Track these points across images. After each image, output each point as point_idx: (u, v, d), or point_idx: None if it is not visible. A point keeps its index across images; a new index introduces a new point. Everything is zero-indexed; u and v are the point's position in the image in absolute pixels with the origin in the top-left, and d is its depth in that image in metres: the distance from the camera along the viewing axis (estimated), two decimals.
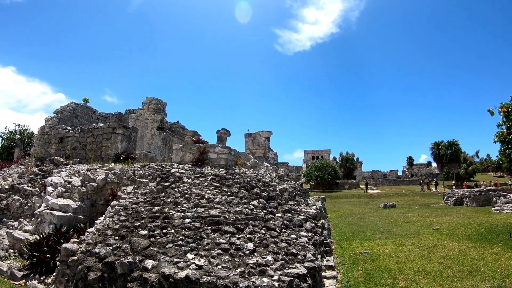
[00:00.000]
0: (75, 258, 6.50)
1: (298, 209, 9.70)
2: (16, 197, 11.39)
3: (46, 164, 13.59)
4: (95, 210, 9.45)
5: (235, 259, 5.93)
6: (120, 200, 8.52)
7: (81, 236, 7.39)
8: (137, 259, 5.92)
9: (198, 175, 9.63)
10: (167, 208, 7.68)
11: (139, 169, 9.96)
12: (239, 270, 5.59)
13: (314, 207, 10.89)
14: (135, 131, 12.94)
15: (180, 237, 6.45)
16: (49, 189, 9.67)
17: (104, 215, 8.21)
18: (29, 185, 11.61)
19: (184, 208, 7.65)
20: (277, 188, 10.46)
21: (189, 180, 9.29)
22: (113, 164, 10.98)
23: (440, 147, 42.23)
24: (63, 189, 9.51)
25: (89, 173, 9.88)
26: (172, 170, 9.84)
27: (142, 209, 7.69)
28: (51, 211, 8.73)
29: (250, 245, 6.34)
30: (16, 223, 10.91)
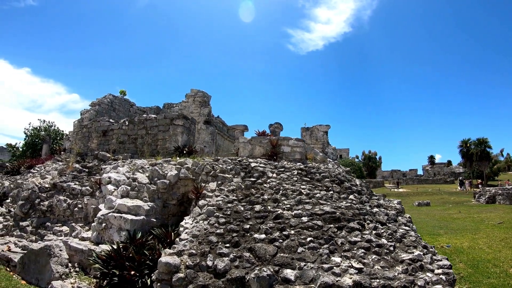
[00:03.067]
0: (181, 275, 5.18)
1: (384, 204, 9.26)
2: (61, 198, 9.69)
3: (89, 160, 11.89)
4: (167, 212, 7.80)
5: (385, 257, 5.38)
6: (207, 199, 7.39)
7: (174, 245, 5.69)
8: (271, 269, 5.02)
9: (281, 169, 8.72)
10: (269, 206, 6.83)
11: (217, 163, 8.27)
12: (400, 268, 5.07)
13: (395, 201, 10.48)
14: (193, 122, 11.31)
15: (309, 239, 5.67)
16: (109, 187, 7.98)
17: (191, 217, 6.99)
18: (77, 183, 9.88)
19: (288, 206, 6.86)
20: (357, 183, 9.86)
21: (274, 175, 8.39)
22: (178, 158, 9.29)
23: (468, 144, 40.53)
24: (128, 188, 7.86)
25: (157, 168, 8.14)
26: (252, 164, 8.89)
27: (242, 209, 6.77)
28: (120, 215, 7.09)
29: (385, 241, 5.82)
30: (63, 228, 9.24)
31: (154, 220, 7.63)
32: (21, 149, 24.79)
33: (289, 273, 4.87)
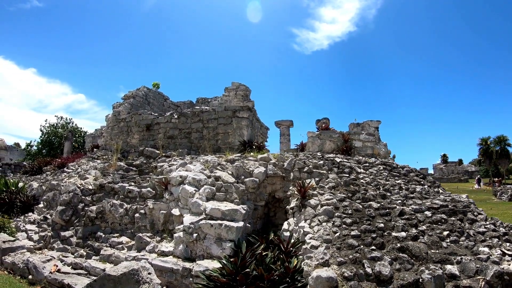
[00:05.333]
0: None
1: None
2: (115, 202, 8.72)
3: (132, 157, 10.86)
4: (255, 215, 6.82)
5: None
6: (315, 198, 7.17)
7: (310, 255, 5.12)
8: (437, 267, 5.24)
9: (366, 164, 8.93)
10: (382, 202, 6.98)
11: (307, 158, 7.58)
12: None
13: (464, 196, 10.14)
14: (255, 115, 10.37)
15: (445, 232, 6.00)
16: (188, 188, 7.19)
17: (304, 220, 6.62)
18: (132, 184, 8.87)
19: (399, 201, 7.06)
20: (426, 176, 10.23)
21: (363, 170, 8.55)
22: (252, 153, 8.42)
23: (488, 143, 40.62)
24: (213, 188, 6.90)
25: (241, 164, 7.21)
26: (337, 160, 8.94)
27: (360, 207, 6.81)
28: (218, 222, 6.05)
29: (503, 229, 6.28)
30: (123, 239, 8.27)
31: (249, 225, 6.69)
32: (36, 148, 23.49)
33: (451, 268, 5.06)
